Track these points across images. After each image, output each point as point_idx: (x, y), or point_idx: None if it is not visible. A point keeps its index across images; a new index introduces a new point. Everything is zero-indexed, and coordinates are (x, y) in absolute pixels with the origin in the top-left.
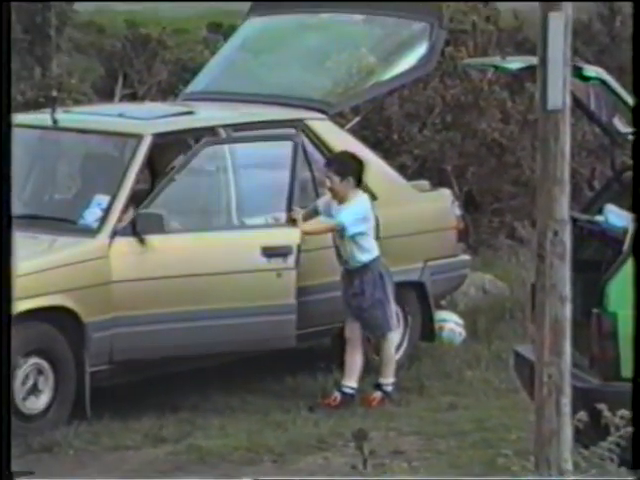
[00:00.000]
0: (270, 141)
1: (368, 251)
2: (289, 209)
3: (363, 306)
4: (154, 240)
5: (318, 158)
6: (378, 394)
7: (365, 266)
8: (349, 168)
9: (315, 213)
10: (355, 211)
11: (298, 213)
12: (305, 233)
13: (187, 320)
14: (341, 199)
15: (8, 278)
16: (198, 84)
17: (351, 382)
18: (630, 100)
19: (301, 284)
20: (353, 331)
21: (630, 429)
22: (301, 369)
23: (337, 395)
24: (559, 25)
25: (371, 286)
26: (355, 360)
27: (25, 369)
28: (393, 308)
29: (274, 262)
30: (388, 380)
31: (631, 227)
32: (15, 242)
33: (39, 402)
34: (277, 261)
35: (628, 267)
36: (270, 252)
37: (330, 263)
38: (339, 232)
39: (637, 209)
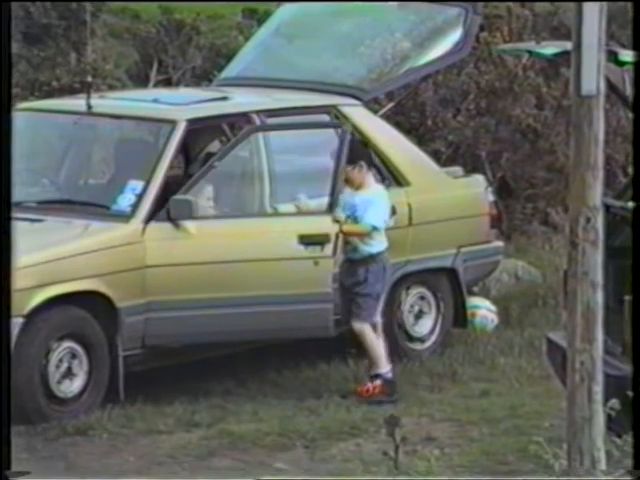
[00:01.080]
0: (316, 129)
1: (378, 242)
2: (332, 197)
3: (362, 292)
4: (188, 226)
5: None
6: (377, 382)
7: (372, 257)
8: (358, 154)
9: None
10: (382, 210)
11: (340, 217)
12: (344, 233)
13: (221, 307)
14: (358, 186)
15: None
16: (232, 70)
17: (383, 368)
18: None
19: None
20: None
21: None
22: (334, 355)
23: (374, 384)
24: (594, 10)
25: (374, 277)
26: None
27: (59, 353)
28: (381, 304)
29: (311, 250)
30: (382, 369)
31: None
32: (49, 227)
33: (73, 386)
34: (314, 249)
35: None
36: (307, 240)
37: None
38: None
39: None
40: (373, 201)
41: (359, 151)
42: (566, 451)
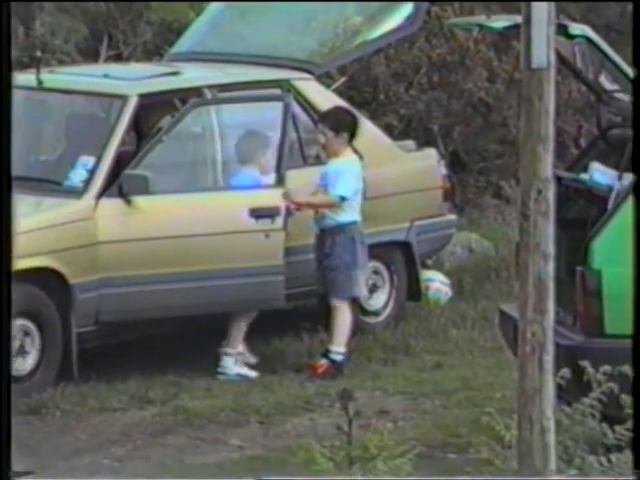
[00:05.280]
0: (259, 102)
1: (347, 212)
2: (278, 171)
3: (330, 266)
4: (140, 201)
5: (304, 119)
6: (324, 362)
7: (340, 227)
8: (344, 123)
9: None
10: (352, 180)
11: (287, 193)
12: (301, 205)
13: (174, 281)
14: (333, 154)
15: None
16: (183, 45)
17: (339, 347)
18: (617, 58)
19: (287, 244)
20: None
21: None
22: (287, 330)
23: (320, 363)
24: None
25: (341, 248)
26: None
27: (12, 331)
28: (361, 276)
29: (262, 223)
30: (337, 348)
31: (616, 185)
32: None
33: (26, 364)
34: (265, 222)
35: (613, 225)
36: (258, 213)
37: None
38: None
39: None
40: (343, 171)
41: (346, 121)
42: (517, 421)
